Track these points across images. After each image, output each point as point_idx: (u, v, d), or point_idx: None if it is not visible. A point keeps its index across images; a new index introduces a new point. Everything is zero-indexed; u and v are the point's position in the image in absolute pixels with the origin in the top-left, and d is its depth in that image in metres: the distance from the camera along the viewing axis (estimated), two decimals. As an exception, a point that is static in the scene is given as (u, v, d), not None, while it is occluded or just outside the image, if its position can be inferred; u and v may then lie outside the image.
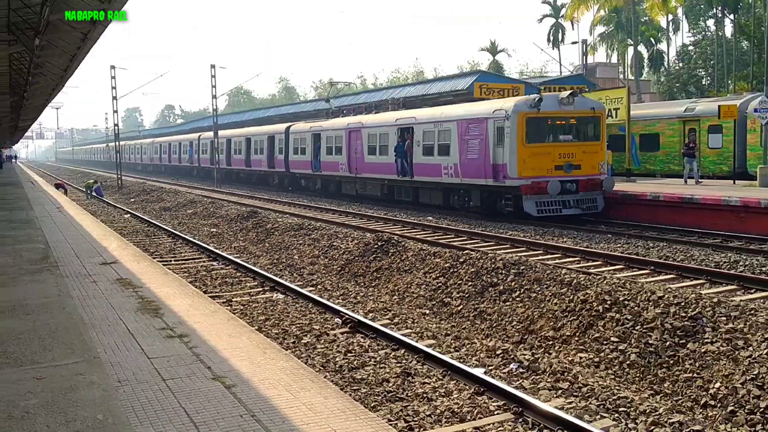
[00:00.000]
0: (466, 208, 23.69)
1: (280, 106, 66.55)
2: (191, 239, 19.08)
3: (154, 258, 15.19)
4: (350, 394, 6.99)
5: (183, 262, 15.80)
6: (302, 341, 9.24)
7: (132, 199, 36.52)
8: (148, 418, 4.85)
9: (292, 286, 12.55)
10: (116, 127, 46.82)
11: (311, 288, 12.86)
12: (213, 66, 45.50)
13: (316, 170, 34.54)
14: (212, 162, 49.07)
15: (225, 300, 11.63)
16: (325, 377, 7.35)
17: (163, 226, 22.49)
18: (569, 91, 22.04)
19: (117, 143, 47.67)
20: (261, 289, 12.73)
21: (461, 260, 12.32)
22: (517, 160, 20.81)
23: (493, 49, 75.71)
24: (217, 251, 16.77)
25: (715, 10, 54.46)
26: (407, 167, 26.44)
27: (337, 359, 8.39)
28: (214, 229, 21.90)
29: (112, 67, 44.46)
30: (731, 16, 53.89)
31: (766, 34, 34.26)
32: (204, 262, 15.79)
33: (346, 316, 10.08)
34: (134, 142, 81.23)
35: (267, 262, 15.95)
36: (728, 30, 56.75)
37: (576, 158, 21.31)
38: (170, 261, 15.80)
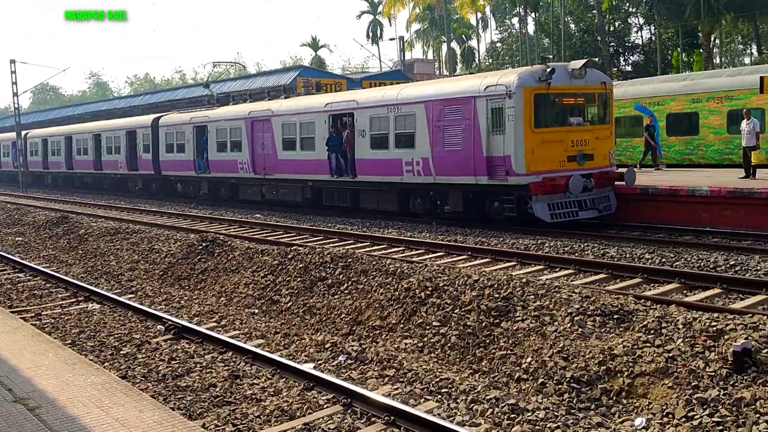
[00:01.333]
0: (437, 213, 19.00)
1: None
2: (-8, 250, 17.39)
3: (-54, 274, 13.70)
4: (174, 403, 6.71)
5: (-18, 276, 14.36)
6: (121, 352, 8.71)
7: None
8: (-66, 454, 4.33)
9: (109, 294, 11.83)
10: None
11: (131, 295, 12.19)
12: (13, 61, 41.79)
13: (201, 171, 28.27)
14: (44, 165, 42.77)
15: (33, 314, 10.72)
16: (145, 388, 7.00)
17: (-41, 238, 20.30)
18: (583, 61, 17.70)
19: None
20: (74, 299, 11.89)
21: (290, 256, 12.23)
22: (524, 150, 16.25)
23: (314, 45, 76.10)
24: (23, 261, 15.41)
25: (518, 8, 58.43)
26: (345, 165, 21.36)
27: (160, 368, 8.01)
28: (20, 238, 20.11)
29: None
30: (533, 15, 58.13)
31: (563, 31, 37.27)
32: (8, 274, 14.45)
33: (170, 322, 9.66)
34: None
35: (81, 270, 14.91)
36: (531, 28, 61.17)
37: (589, 146, 17.13)
38: (-33, 276, 14.30)
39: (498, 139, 16.64)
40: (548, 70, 16.33)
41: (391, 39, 66.61)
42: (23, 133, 46.46)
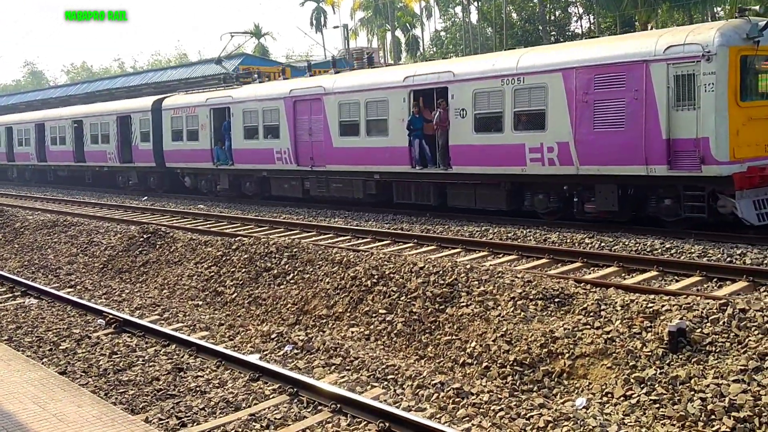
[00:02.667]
0: (571, 214, 15.03)
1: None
2: None
3: None
4: (116, 398, 6.57)
5: None
6: (60, 347, 8.50)
7: None
8: None
9: (47, 288, 11.52)
10: None
11: (70, 289, 11.88)
12: (-62, 48, 40.04)
13: (221, 163, 23.84)
14: (8, 157, 38.02)
15: (-35, 311, 10.34)
16: (86, 383, 6.84)
17: None
18: None
19: None
20: (11, 294, 11.52)
21: (234, 247, 12.10)
22: (727, 131, 12.61)
23: (257, 33, 75.05)
24: (-46, 257, 14.85)
25: (461, -2, 58.81)
26: (431, 153, 17.49)
27: (101, 363, 7.84)
28: (-49, 233, 19.34)
29: None
30: (475, 4, 58.60)
31: (505, 20, 37.68)
32: (-62, 270, 13.90)
33: (110, 316, 9.46)
34: None
35: (17, 264, 14.44)
36: (474, 17, 61.69)
37: None
38: None
39: (686, 117, 12.85)
40: (761, 24, 12.77)
41: (335, 27, 66.39)
42: None
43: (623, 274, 10.80)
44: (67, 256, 14.62)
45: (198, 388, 6.96)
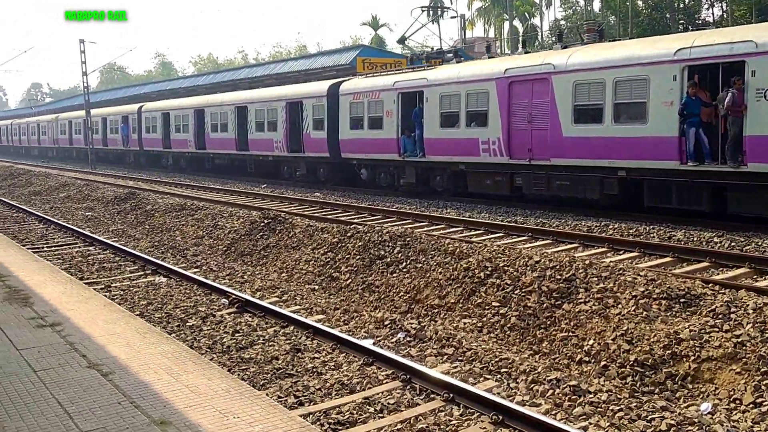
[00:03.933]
0: None
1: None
2: (64, 224, 18.08)
3: (23, 245, 14.31)
4: (238, 374, 6.88)
5: (56, 248, 14.94)
6: (187, 324, 8.98)
7: (-3, 185, 34.08)
8: (17, 411, 4.57)
9: (175, 268, 12.18)
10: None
11: (196, 269, 12.52)
12: (82, 41, 43.09)
13: (409, 154, 21.42)
14: (164, 144, 37.49)
15: (104, 286, 11.13)
16: (211, 359, 7.20)
17: (34, 212, 21.16)
18: None
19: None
20: (142, 273, 12.27)
21: (349, 234, 12.35)
22: None
23: (374, 24, 75.95)
24: (93, 236, 15.98)
25: (584, -14, 56.93)
26: (711, 145, 14.17)
27: (225, 340, 8.23)
28: (90, 213, 20.86)
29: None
30: (599, -8, 56.54)
31: (631, 8, 36.19)
32: (79, 247, 15.01)
33: (233, 296, 9.90)
34: (25, 120, 64.06)
35: (148, 244, 15.37)
36: (596, 5, 59.61)
37: None
38: (42, 248, 14.90)
39: None
40: None
41: (452, 17, 65.95)
42: (138, 106, 41.64)
43: (755, 276, 10.17)
44: (194, 238, 15.41)
45: (314, 369, 7.16)
